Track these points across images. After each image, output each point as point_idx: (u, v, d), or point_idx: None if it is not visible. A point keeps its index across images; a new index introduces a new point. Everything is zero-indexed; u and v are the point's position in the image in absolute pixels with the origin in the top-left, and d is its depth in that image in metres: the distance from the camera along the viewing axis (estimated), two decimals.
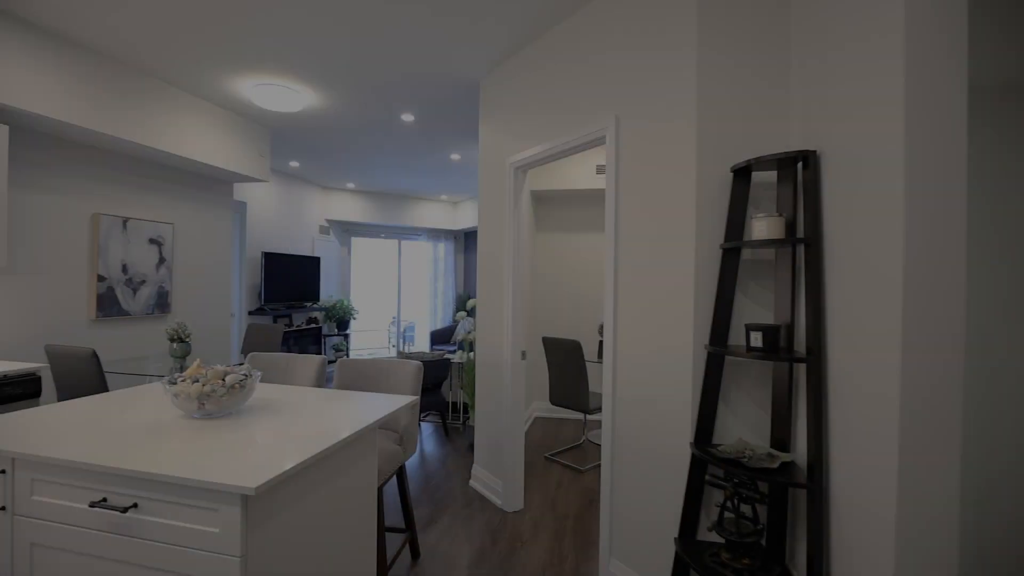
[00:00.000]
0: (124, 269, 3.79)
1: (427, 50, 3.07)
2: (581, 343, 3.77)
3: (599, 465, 3.78)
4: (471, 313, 4.90)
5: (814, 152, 1.73)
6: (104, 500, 1.28)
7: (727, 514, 1.73)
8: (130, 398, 1.94)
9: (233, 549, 1.18)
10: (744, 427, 1.96)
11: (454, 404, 5.17)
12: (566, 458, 3.99)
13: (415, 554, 2.54)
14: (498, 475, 3.17)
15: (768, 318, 1.95)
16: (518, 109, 3.07)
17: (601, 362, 3.46)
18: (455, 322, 7.87)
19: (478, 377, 3.47)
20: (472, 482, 3.45)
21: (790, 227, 1.82)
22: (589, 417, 5.08)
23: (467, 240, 9.74)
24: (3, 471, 1.39)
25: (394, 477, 3.18)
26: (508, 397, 3.09)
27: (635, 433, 2.23)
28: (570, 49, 2.64)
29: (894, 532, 1.35)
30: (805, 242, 1.71)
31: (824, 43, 1.73)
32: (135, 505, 1.26)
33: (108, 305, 3.67)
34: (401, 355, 4.54)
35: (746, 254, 1.97)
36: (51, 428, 1.53)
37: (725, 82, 1.97)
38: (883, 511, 1.40)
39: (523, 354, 3.15)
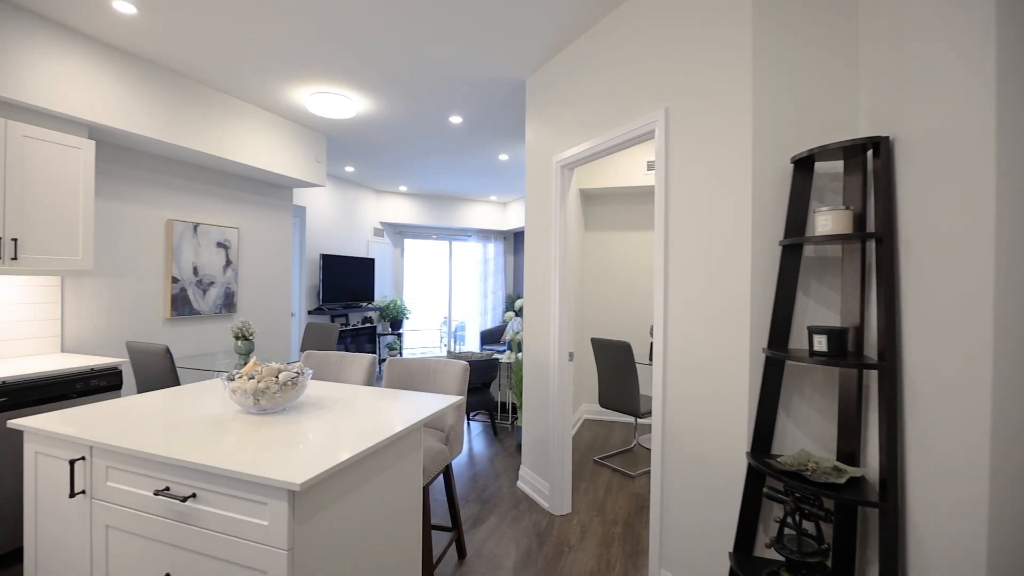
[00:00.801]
0: (195, 271, 4.06)
1: (474, 52, 3.08)
2: (631, 344, 3.66)
3: (650, 471, 3.66)
4: (519, 313, 4.90)
5: (886, 139, 1.59)
6: (167, 489, 1.36)
7: (788, 530, 1.61)
8: (195, 393, 2.06)
9: (281, 542, 1.21)
10: (807, 437, 1.82)
11: (503, 404, 5.18)
12: (616, 462, 3.89)
13: (461, 553, 2.55)
14: (545, 477, 3.13)
15: (833, 320, 1.81)
16: (564, 107, 3.02)
17: (652, 364, 3.35)
18: (504, 322, 7.89)
19: (525, 378, 3.45)
20: (519, 483, 3.43)
21: (859, 221, 1.68)
22: (640, 421, 4.95)
23: (516, 240, 9.76)
24: (83, 457, 1.50)
25: (441, 476, 3.22)
26: (555, 398, 3.05)
27: (687, 439, 2.13)
28: (616, 42, 2.57)
29: (985, 566, 1.21)
30: (877, 237, 1.56)
31: (900, 24, 1.57)
32: (194, 495, 1.33)
33: (181, 305, 3.94)
34: (450, 355, 4.59)
35: (808, 251, 1.84)
36: (125, 419, 1.64)
37: (783, 69, 1.85)
38: (972, 541, 1.25)
39: (570, 355, 3.10)
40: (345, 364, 2.69)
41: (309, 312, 6.37)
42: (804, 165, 1.79)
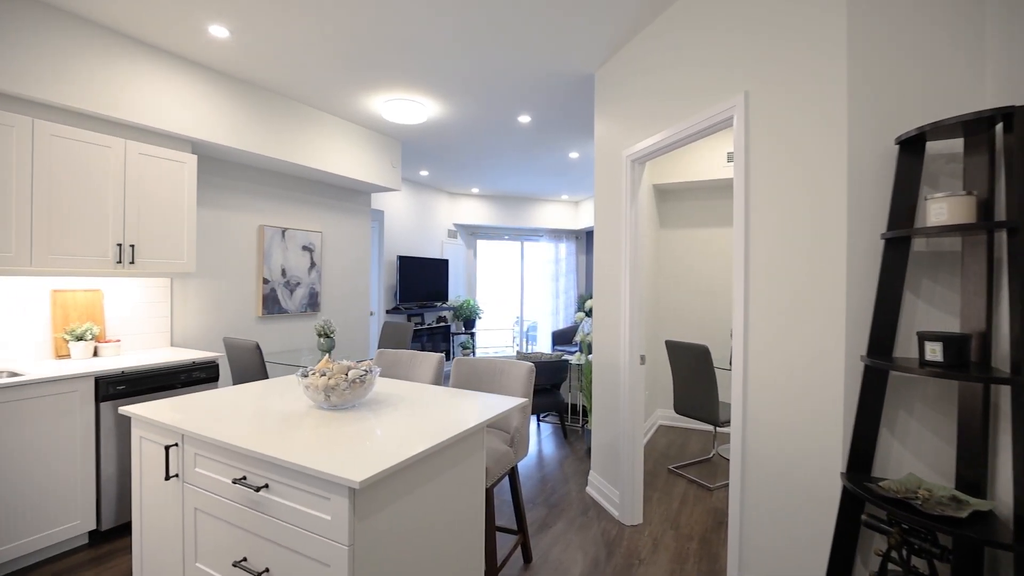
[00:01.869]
0: (283, 273, 4.36)
1: (541, 48, 3.03)
2: (709, 348, 3.44)
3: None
4: (589, 314, 4.78)
5: (1021, 108, 1.33)
6: (244, 478, 1.44)
7: (892, 566, 1.41)
8: (277, 387, 2.19)
9: (342, 537, 1.24)
10: (916, 460, 1.58)
11: (573, 406, 5.09)
12: (693, 472, 3.67)
13: (527, 558, 2.51)
14: (615, 484, 3.01)
15: (951, 325, 1.56)
16: (633, 99, 2.89)
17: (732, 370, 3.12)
18: (575, 323, 7.77)
19: (595, 381, 3.35)
20: (588, 488, 3.34)
21: (984, 208, 1.43)
22: (720, 429, 4.64)
23: (588, 239, 9.60)
24: (176, 444, 1.64)
25: (507, 478, 3.21)
26: (625, 403, 2.93)
27: (770, 453, 1.94)
28: (689, 25, 2.41)
29: None
30: (1009, 226, 1.32)
31: None
32: (267, 485, 1.39)
33: (271, 304, 4.25)
34: (519, 355, 4.58)
35: (918, 245, 1.60)
36: (214, 410, 1.77)
37: (883, 38, 1.62)
38: None
39: (642, 358, 2.96)
40: (415, 362, 2.75)
41: (387, 311, 6.65)
42: (912, 146, 1.56)
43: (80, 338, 2.84)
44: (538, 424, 4.96)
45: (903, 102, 1.60)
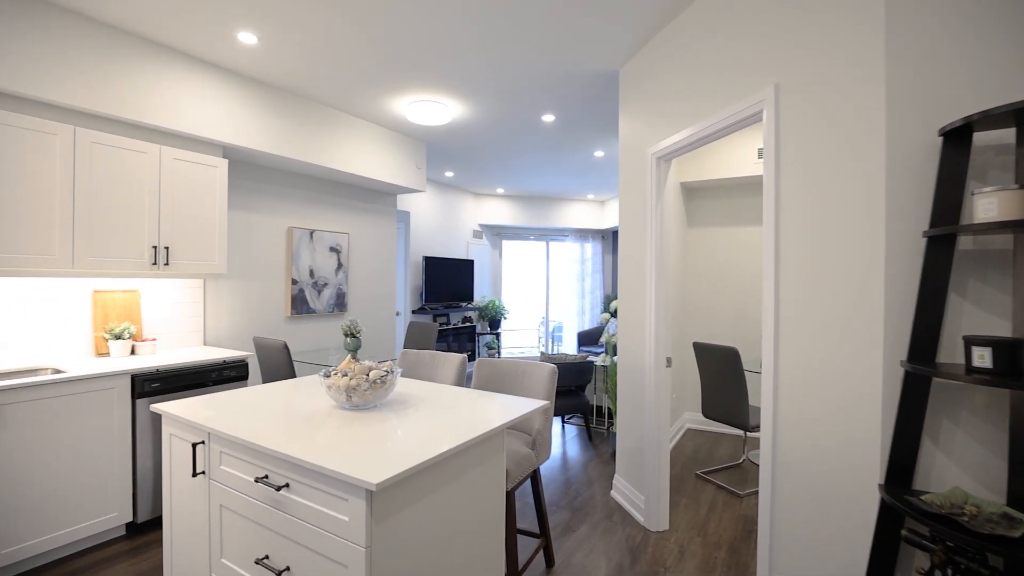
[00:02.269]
0: (311, 273, 4.44)
1: (564, 46, 3.00)
2: (739, 351, 3.34)
3: None
4: (614, 315, 4.71)
5: None
6: (266, 477, 1.46)
7: None
8: (301, 386, 2.22)
9: (360, 539, 1.24)
10: (962, 473, 1.49)
11: (599, 408, 5.02)
12: (721, 478, 3.57)
13: (549, 562, 2.48)
14: (640, 489, 2.95)
15: (1001, 329, 1.46)
16: (658, 95, 2.82)
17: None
18: (601, 323, 7.69)
19: (619, 383, 3.29)
20: (613, 492, 3.28)
21: None
22: (750, 434, 4.51)
23: (614, 239, 9.48)
24: (203, 442, 1.67)
25: (528, 481, 3.18)
26: (651, 406, 2.86)
27: (802, 460, 1.86)
28: (714, 19, 2.33)
29: None
30: None
31: None
32: (287, 485, 1.41)
33: (299, 304, 4.34)
34: (543, 356, 4.54)
35: (965, 243, 1.50)
36: (240, 409, 1.81)
37: (924, 20, 1.53)
38: None
39: (668, 361, 2.89)
40: (438, 363, 2.75)
41: (413, 312, 6.71)
42: (957, 137, 1.46)
43: (118, 337, 2.95)
44: (563, 426, 4.91)
45: (946, 90, 1.51)
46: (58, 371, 2.60)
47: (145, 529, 2.74)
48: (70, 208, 2.63)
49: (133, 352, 3.07)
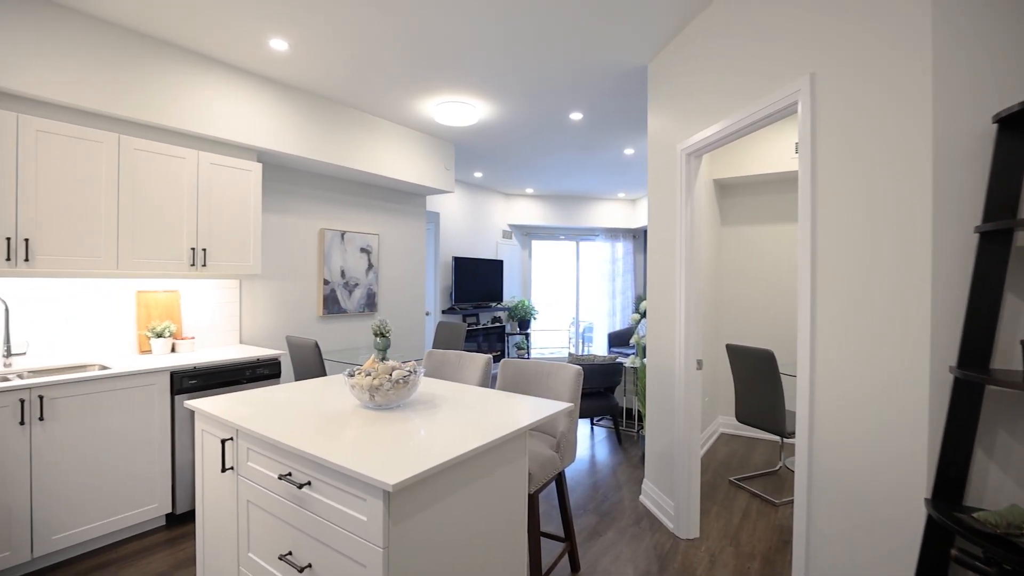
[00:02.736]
0: (342, 274, 4.53)
1: (591, 41, 2.95)
2: (775, 353, 3.21)
3: None
4: (645, 315, 4.61)
5: None
6: (289, 474, 1.48)
7: None
8: (329, 385, 2.25)
9: (377, 539, 1.24)
10: (1021, 489, 1.37)
11: (629, 410, 4.93)
12: (757, 485, 3.44)
13: (575, 566, 2.44)
14: (670, 495, 2.87)
15: None
16: (687, 90, 2.74)
17: None
18: (632, 324, 7.55)
19: (648, 385, 3.21)
20: (642, 497, 3.20)
21: None
22: (787, 440, 4.33)
23: (646, 238, 9.28)
24: (231, 438, 1.72)
25: (553, 484, 3.14)
26: (681, 410, 2.78)
27: (841, 469, 1.76)
28: (745, 7, 2.24)
29: None
30: None
31: None
32: (309, 483, 1.42)
33: (331, 304, 4.43)
34: (571, 357, 4.49)
35: (1022, 239, 1.39)
36: (268, 407, 1.84)
37: (974, 3, 1.42)
38: None
39: (698, 363, 2.80)
40: (463, 363, 2.75)
41: (443, 312, 6.76)
42: (1015, 124, 1.35)
43: (160, 335, 3.08)
44: (592, 428, 4.85)
45: (1000, 73, 1.39)
46: (104, 367, 2.73)
47: (183, 520, 2.84)
48: (115, 212, 2.76)
49: (174, 350, 3.19)
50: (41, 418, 2.30)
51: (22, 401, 2.25)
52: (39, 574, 2.34)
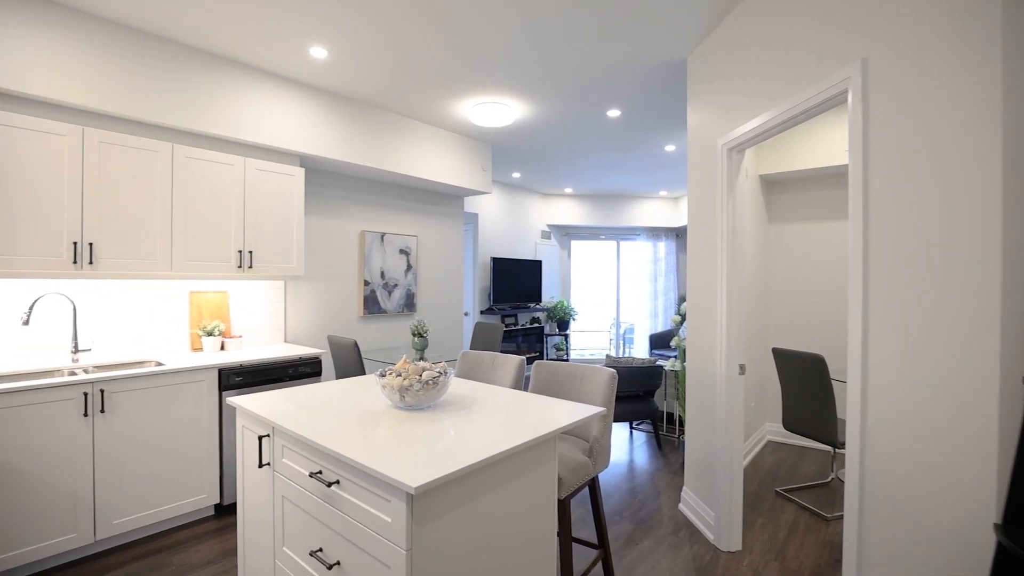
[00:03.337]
0: (382, 275, 4.63)
1: (628, 35, 2.88)
2: (826, 358, 3.03)
3: None
4: (686, 317, 4.47)
5: None
6: (319, 472, 1.51)
7: None
8: (362, 385, 2.29)
9: (401, 541, 1.24)
10: None
11: (669, 415, 4.79)
12: (805, 498, 3.26)
13: (609, 575, 2.38)
14: (711, 505, 2.76)
15: None
16: (729, 81, 2.62)
17: None
18: (674, 325, 7.34)
19: (688, 390, 3.10)
20: (681, 506, 3.10)
21: None
22: (839, 451, 4.08)
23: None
24: (267, 435, 1.77)
25: (587, 489, 3.08)
26: (722, 418, 2.67)
27: (896, 485, 1.63)
28: None
29: None
30: None
31: None
32: (338, 481, 1.45)
33: (371, 304, 4.53)
34: (609, 359, 4.40)
35: None
36: (303, 405, 1.89)
37: None
38: None
39: (741, 368, 2.68)
40: (496, 365, 2.74)
41: (481, 312, 6.79)
42: None
43: (210, 334, 3.24)
44: (630, 432, 4.74)
45: None
46: (159, 364, 2.89)
47: (230, 511, 2.97)
48: (169, 217, 2.91)
49: (223, 348, 3.34)
50: (102, 411, 2.46)
51: (86, 394, 2.41)
52: (101, 556, 2.50)
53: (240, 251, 3.23)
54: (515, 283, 7.16)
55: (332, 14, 2.67)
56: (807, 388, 3.11)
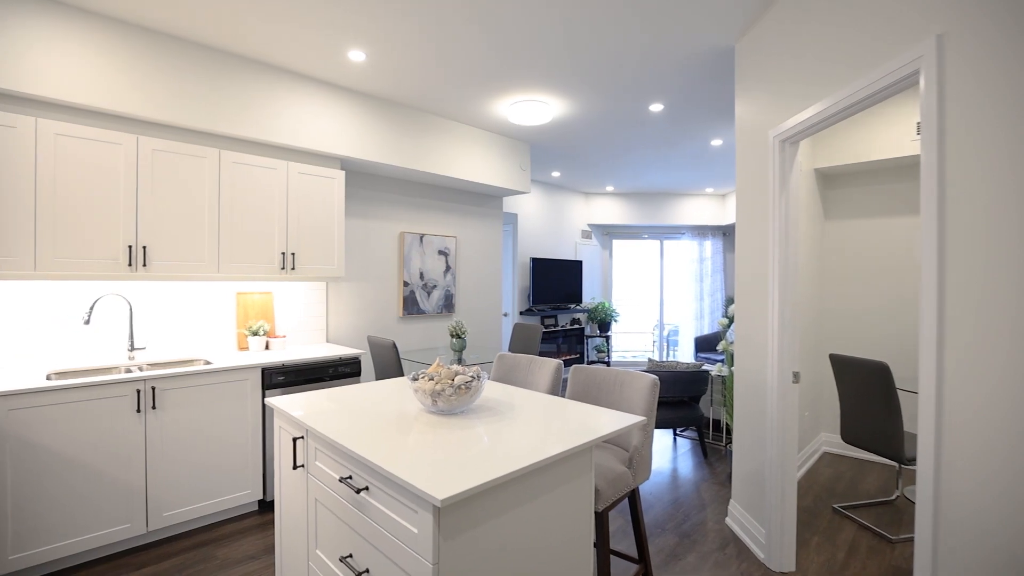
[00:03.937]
0: (421, 276, 4.65)
1: (671, 24, 2.75)
2: (890, 365, 2.79)
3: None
4: (733, 321, 4.25)
5: None
6: (350, 478, 1.49)
7: None
8: (396, 387, 2.28)
9: (427, 554, 1.19)
10: None
11: (716, 422, 4.58)
12: (867, 516, 3.02)
13: None
14: (760, 521, 2.59)
15: None
16: (780, 68, 2.45)
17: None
18: (721, 328, 7.05)
19: (736, 399, 2.93)
20: (728, 519, 2.93)
21: None
22: (906, 467, 3.77)
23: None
24: (301, 437, 1.78)
25: (626, 501, 2.96)
26: (773, 429, 2.50)
27: (977, 509, 1.45)
28: None
29: None
30: None
31: None
32: (367, 488, 1.42)
33: (410, 305, 4.56)
34: (651, 363, 4.25)
35: None
36: (338, 407, 1.89)
37: None
38: None
39: (795, 376, 2.50)
40: (533, 368, 2.67)
41: (521, 313, 6.74)
42: None
43: (255, 333, 3.33)
44: (674, 439, 4.56)
45: None
46: (208, 362, 2.99)
47: (272, 507, 3.04)
48: (216, 220, 3.01)
49: (267, 347, 3.44)
50: (154, 407, 2.57)
51: (138, 391, 2.52)
52: (152, 546, 2.61)
53: (283, 253, 3.30)
54: (555, 284, 7.07)
55: (372, 16, 2.68)
56: (869, 398, 2.87)
